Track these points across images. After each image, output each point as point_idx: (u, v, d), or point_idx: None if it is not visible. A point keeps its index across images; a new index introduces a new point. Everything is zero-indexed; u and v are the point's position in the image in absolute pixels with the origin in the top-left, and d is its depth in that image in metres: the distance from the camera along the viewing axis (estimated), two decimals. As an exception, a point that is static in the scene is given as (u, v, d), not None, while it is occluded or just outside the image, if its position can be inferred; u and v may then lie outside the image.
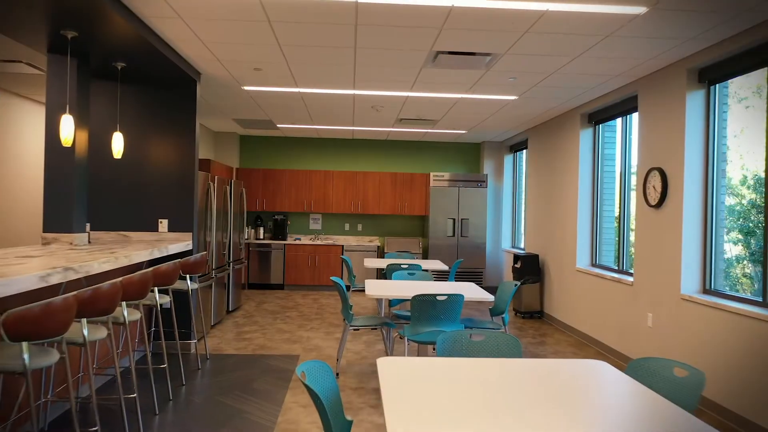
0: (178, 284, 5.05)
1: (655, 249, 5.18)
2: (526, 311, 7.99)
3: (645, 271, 5.33)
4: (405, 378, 2.37)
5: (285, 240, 10.13)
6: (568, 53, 4.72)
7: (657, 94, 5.19)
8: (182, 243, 5.38)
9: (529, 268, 7.95)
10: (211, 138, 9.90)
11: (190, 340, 5.64)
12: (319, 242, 10.01)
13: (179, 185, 5.64)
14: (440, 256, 9.87)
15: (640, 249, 5.44)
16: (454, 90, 6.20)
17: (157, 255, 4.63)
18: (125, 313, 3.57)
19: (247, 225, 10.31)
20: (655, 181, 5.13)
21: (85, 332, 3.02)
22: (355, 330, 4.67)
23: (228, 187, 7.37)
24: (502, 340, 2.95)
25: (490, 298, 4.73)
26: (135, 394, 3.62)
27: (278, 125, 9.08)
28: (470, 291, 4.99)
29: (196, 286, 5.16)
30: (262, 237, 10.21)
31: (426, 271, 7.33)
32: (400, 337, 4.67)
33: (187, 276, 5.01)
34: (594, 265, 6.83)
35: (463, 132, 9.31)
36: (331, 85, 6.10)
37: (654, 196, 5.15)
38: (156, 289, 4.24)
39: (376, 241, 10.56)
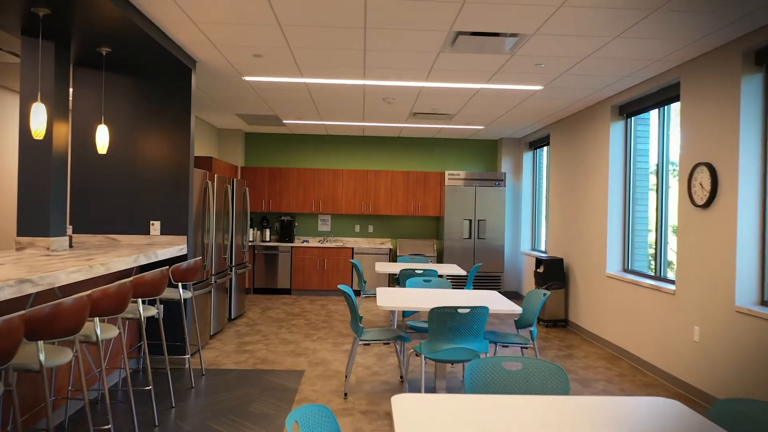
0: (169, 293, 4.56)
1: (702, 254, 4.60)
2: (549, 319, 7.43)
3: (690, 279, 4.76)
4: (426, 423, 1.85)
5: (292, 242, 9.63)
6: (606, 33, 4.16)
7: (705, 80, 4.61)
8: (175, 247, 4.89)
9: (553, 273, 7.38)
10: (214, 135, 9.44)
11: (184, 354, 5.15)
12: (328, 245, 9.50)
13: (173, 184, 5.15)
14: (456, 260, 9.32)
15: (684, 254, 4.86)
16: (473, 79, 5.66)
17: (143, 261, 4.14)
18: (98, 331, 3.08)
19: (253, 226, 9.83)
20: (703, 177, 4.56)
21: (42, 357, 2.53)
22: (365, 345, 4.21)
23: (229, 186, 6.89)
24: (544, 371, 2.41)
25: (518, 310, 4.19)
26: (110, 425, 3.12)
27: (284, 121, 8.58)
28: (495, 302, 4.44)
29: (189, 294, 4.67)
30: (268, 239, 9.72)
31: (441, 276, 6.81)
32: (416, 354, 4.14)
33: (179, 284, 4.52)
34: (626, 270, 6.25)
35: (481, 128, 8.76)
36: (339, 74, 5.59)
37: (701, 195, 4.57)
38: (140, 300, 3.74)
39: (387, 244, 10.04)
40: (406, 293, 4.79)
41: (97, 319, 3.08)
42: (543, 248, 9.11)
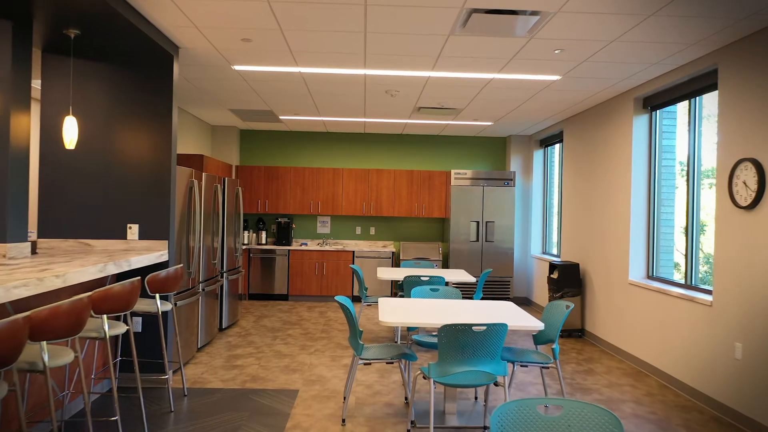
0: (146, 305, 4.05)
1: (746, 261, 4.08)
2: (564, 329, 6.91)
3: (731, 289, 4.24)
4: None
5: (290, 245, 9.13)
6: (639, 10, 3.65)
7: (750, 66, 4.09)
8: (154, 253, 4.39)
9: (569, 279, 6.86)
10: (207, 132, 8.94)
11: (163, 373, 4.64)
12: (327, 248, 8.99)
13: (153, 183, 4.65)
14: (462, 264, 8.80)
15: (724, 261, 4.34)
16: (485, 68, 5.15)
17: (113, 271, 3.63)
18: (45, 358, 2.58)
19: (248, 229, 9.32)
20: (747, 175, 4.04)
21: (-40, 398, 2.02)
22: (365, 364, 3.73)
23: (219, 186, 6.38)
24: (592, 419, 1.90)
25: (540, 326, 3.67)
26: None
27: (281, 117, 8.08)
28: (512, 316, 3.93)
29: (169, 306, 4.16)
30: (264, 242, 9.22)
31: (448, 284, 6.31)
32: (424, 377, 3.63)
33: (157, 295, 4.02)
34: (650, 277, 5.73)
35: (489, 124, 8.25)
36: (337, 62, 5.08)
37: (745, 195, 4.05)
38: (104, 317, 3.24)
39: (390, 247, 9.53)
40: (412, 305, 4.28)
41: (44, 343, 2.57)
42: (555, 252, 8.59)
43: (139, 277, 3.48)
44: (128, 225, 4.61)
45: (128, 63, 4.65)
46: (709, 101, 4.98)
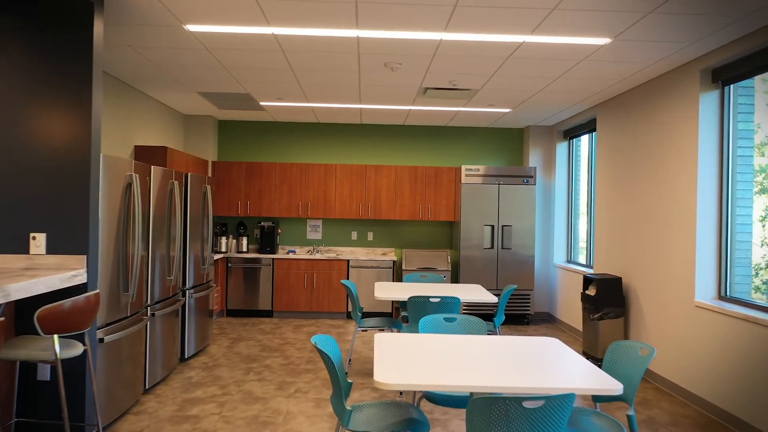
0: (39, 350, 2.83)
1: None
2: (602, 358, 5.66)
3: None
4: None
5: (275, 253, 7.89)
6: None
7: None
8: (63, 274, 3.15)
9: (609, 296, 5.62)
10: (179, 122, 7.70)
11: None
12: (318, 256, 7.76)
13: (66, 178, 3.42)
14: (475, 275, 7.56)
15: None
16: (515, 26, 3.92)
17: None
18: None
19: (227, 234, 8.09)
20: None
21: None
22: None
23: (177, 183, 5.14)
24: None
25: (618, 388, 2.43)
26: None
27: (261, 103, 6.86)
28: (566, 365, 2.67)
29: (80, 350, 2.94)
30: (245, 249, 7.98)
31: (466, 306, 5.08)
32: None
33: (55, 337, 2.79)
34: (723, 298, 4.50)
35: (506, 111, 7.02)
36: (321, 18, 3.85)
37: None
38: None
39: (391, 255, 8.28)
40: (419, 347, 3.04)
41: None
42: (582, 260, 7.35)
43: (1, 319, 2.25)
44: (31, 234, 3.38)
45: (25, 13, 3.42)
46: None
